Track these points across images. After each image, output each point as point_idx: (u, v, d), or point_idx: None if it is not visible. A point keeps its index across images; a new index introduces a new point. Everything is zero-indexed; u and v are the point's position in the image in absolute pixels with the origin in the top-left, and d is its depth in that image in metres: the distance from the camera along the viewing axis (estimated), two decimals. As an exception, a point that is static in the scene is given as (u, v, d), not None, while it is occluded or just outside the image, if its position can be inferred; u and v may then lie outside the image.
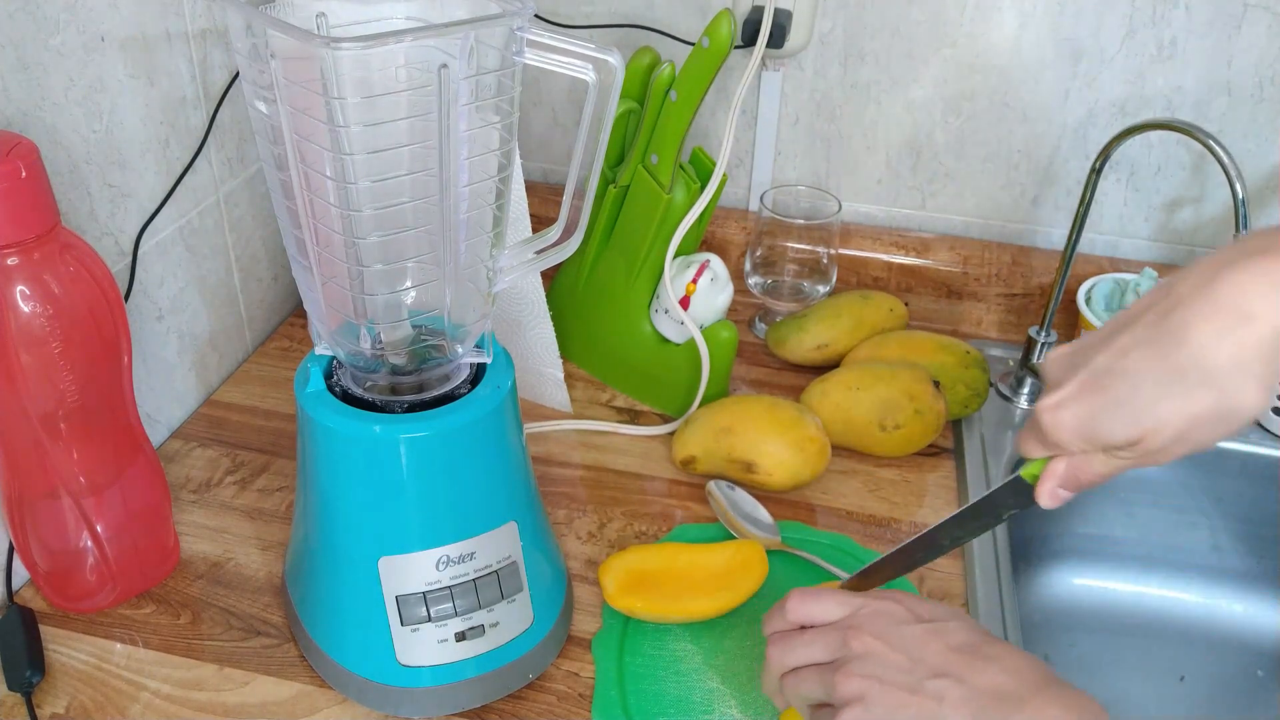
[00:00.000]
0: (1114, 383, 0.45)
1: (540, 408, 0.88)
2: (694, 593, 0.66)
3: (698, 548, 0.69)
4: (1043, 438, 0.49)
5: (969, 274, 1.00)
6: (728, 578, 0.67)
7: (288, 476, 0.80)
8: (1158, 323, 0.44)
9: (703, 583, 0.67)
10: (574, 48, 0.51)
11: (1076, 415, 0.47)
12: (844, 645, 0.50)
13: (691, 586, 0.67)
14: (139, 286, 0.77)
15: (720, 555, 0.68)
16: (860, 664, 0.49)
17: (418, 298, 0.58)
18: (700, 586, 0.67)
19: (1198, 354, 0.43)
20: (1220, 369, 0.43)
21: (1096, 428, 0.46)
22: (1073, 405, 0.47)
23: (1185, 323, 0.43)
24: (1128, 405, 0.45)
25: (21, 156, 0.54)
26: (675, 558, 0.68)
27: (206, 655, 0.65)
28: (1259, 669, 0.91)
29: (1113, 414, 0.46)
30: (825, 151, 1.03)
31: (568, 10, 1.01)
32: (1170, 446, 0.45)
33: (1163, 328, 0.44)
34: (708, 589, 0.67)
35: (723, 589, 0.67)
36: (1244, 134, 0.93)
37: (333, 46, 0.47)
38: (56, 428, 0.60)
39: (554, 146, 1.09)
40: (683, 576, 0.67)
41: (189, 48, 0.78)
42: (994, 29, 0.93)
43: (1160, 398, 0.44)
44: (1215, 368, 0.43)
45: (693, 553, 0.69)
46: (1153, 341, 0.44)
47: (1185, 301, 0.44)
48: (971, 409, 0.87)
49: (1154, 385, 0.44)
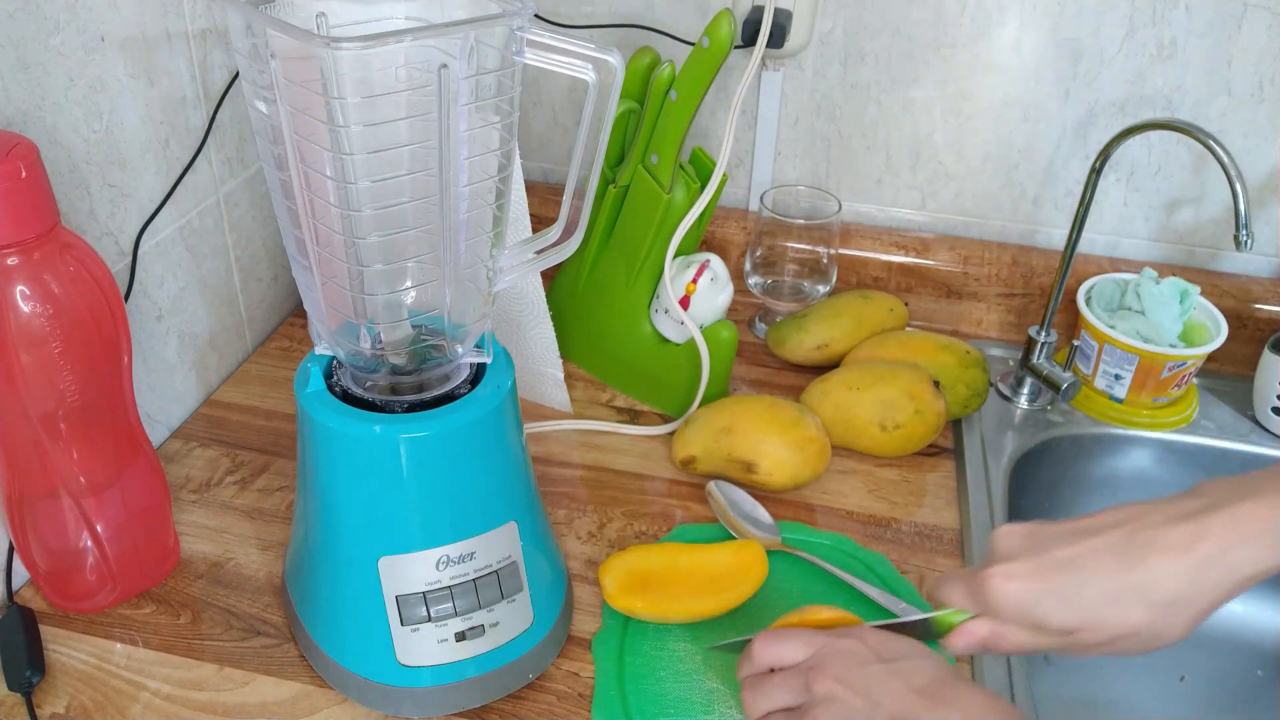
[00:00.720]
0: (1069, 576, 0.50)
1: (540, 408, 0.88)
2: (694, 593, 0.66)
3: (698, 548, 0.69)
4: (981, 599, 0.52)
5: (969, 274, 1.00)
6: (728, 578, 0.67)
7: (288, 476, 0.79)
8: (1127, 538, 0.50)
9: (703, 583, 0.67)
10: (574, 48, 0.51)
11: (1025, 592, 0.51)
12: (807, 689, 0.51)
13: (692, 587, 0.67)
14: (139, 286, 0.77)
15: (720, 555, 0.68)
16: (823, 709, 0.50)
17: (418, 298, 0.58)
18: (700, 587, 0.67)
19: (1152, 579, 0.49)
20: (1167, 599, 0.49)
21: (1039, 609, 0.51)
22: (1023, 581, 0.51)
23: (1151, 547, 0.49)
24: (1075, 599, 0.50)
25: (21, 156, 0.53)
26: (675, 558, 0.68)
27: (206, 655, 0.65)
28: (1259, 669, 0.91)
29: (1059, 602, 0.50)
30: (825, 151, 1.03)
31: (568, 10, 1.01)
32: (1095, 647, 0.51)
33: (1130, 543, 0.50)
34: (708, 589, 0.67)
35: (723, 589, 0.67)
36: (1244, 134, 0.93)
37: (333, 46, 0.47)
38: (56, 428, 0.60)
39: (554, 146, 1.09)
40: (683, 577, 0.67)
41: (189, 48, 0.78)
42: (994, 28, 0.93)
43: (1107, 604, 0.49)
44: (1163, 597, 0.49)
45: (693, 553, 0.69)
46: (1116, 552, 0.50)
47: (1158, 529, 0.50)
48: (971, 409, 0.87)
49: (1104, 590, 0.49)
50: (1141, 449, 0.90)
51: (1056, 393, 0.87)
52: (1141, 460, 0.90)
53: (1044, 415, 0.91)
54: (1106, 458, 0.91)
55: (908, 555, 0.74)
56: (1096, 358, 0.89)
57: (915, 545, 0.75)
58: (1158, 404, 0.89)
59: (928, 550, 0.75)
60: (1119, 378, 0.88)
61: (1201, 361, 0.87)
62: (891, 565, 0.73)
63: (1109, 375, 0.89)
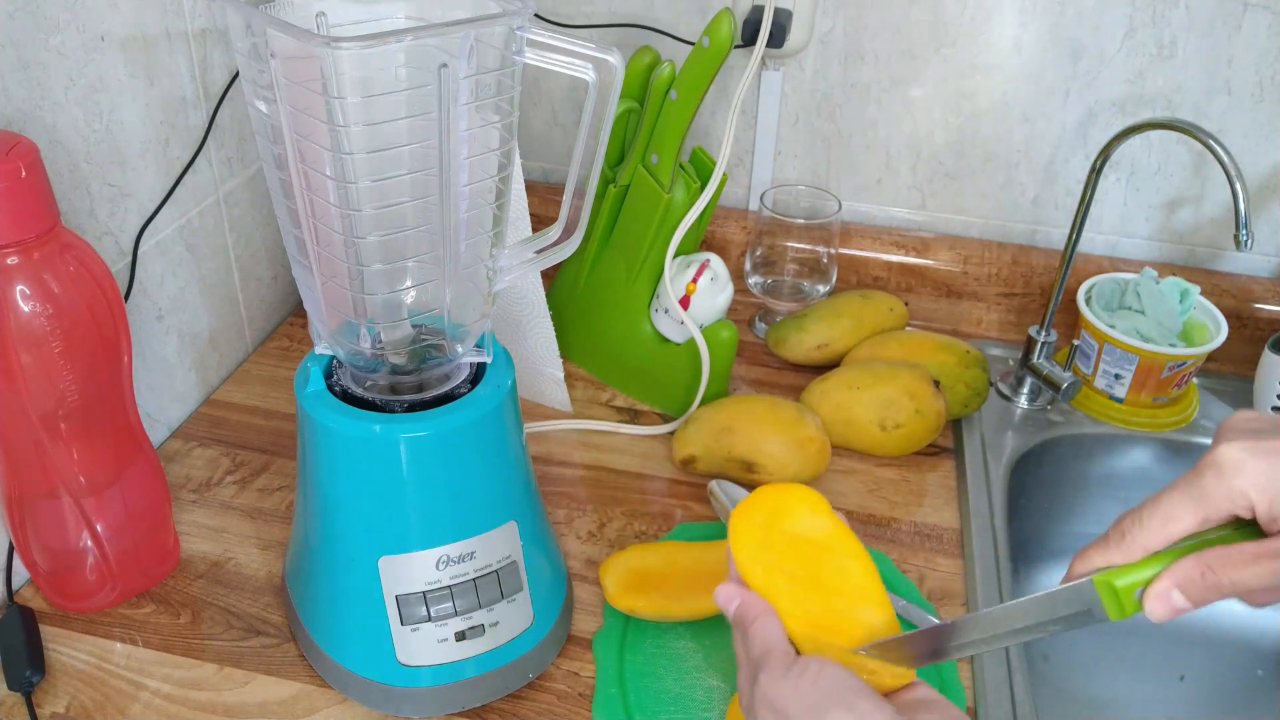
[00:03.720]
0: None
1: (540, 407, 0.88)
2: (695, 591, 0.66)
3: (698, 546, 0.69)
4: (1205, 479, 0.40)
5: (969, 274, 1.00)
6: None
7: (288, 476, 0.79)
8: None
9: (703, 581, 0.67)
10: (574, 47, 0.51)
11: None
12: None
13: (692, 585, 0.67)
14: (139, 286, 0.77)
15: (720, 554, 0.68)
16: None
17: (418, 297, 0.58)
18: (701, 585, 0.67)
19: None
20: None
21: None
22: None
23: None
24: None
25: (21, 156, 0.53)
26: (675, 557, 0.68)
27: (206, 655, 0.65)
28: (1259, 669, 0.90)
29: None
30: (825, 151, 1.03)
31: (568, 10, 1.01)
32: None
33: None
34: (708, 587, 0.66)
35: (723, 588, 0.67)
36: (1244, 134, 0.93)
37: (333, 46, 0.47)
38: (56, 428, 0.60)
39: (554, 146, 1.09)
40: (683, 575, 0.67)
41: (189, 47, 0.78)
42: (994, 28, 0.93)
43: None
44: None
45: (693, 551, 0.69)
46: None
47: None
48: (971, 409, 0.87)
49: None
50: (1141, 449, 0.90)
51: (1056, 392, 0.87)
52: (1141, 460, 0.90)
53: (1044, 415, 0.91)
54: (1106, 457, 0.90)
55: (908, 555, 0.74)
56: (1096, 357, 0.89)
57: (915, 545, 0.75)
58: (1158, 403, 0.89)
59: (928, 550, 0.75)
60: (1119, 377, 0.88)
61: (1201, 361, 0.87)
62: (892, 563, 0.73)
63: (1109, 375, 0.89)
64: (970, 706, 0.63)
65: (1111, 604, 0.41)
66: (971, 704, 0.63)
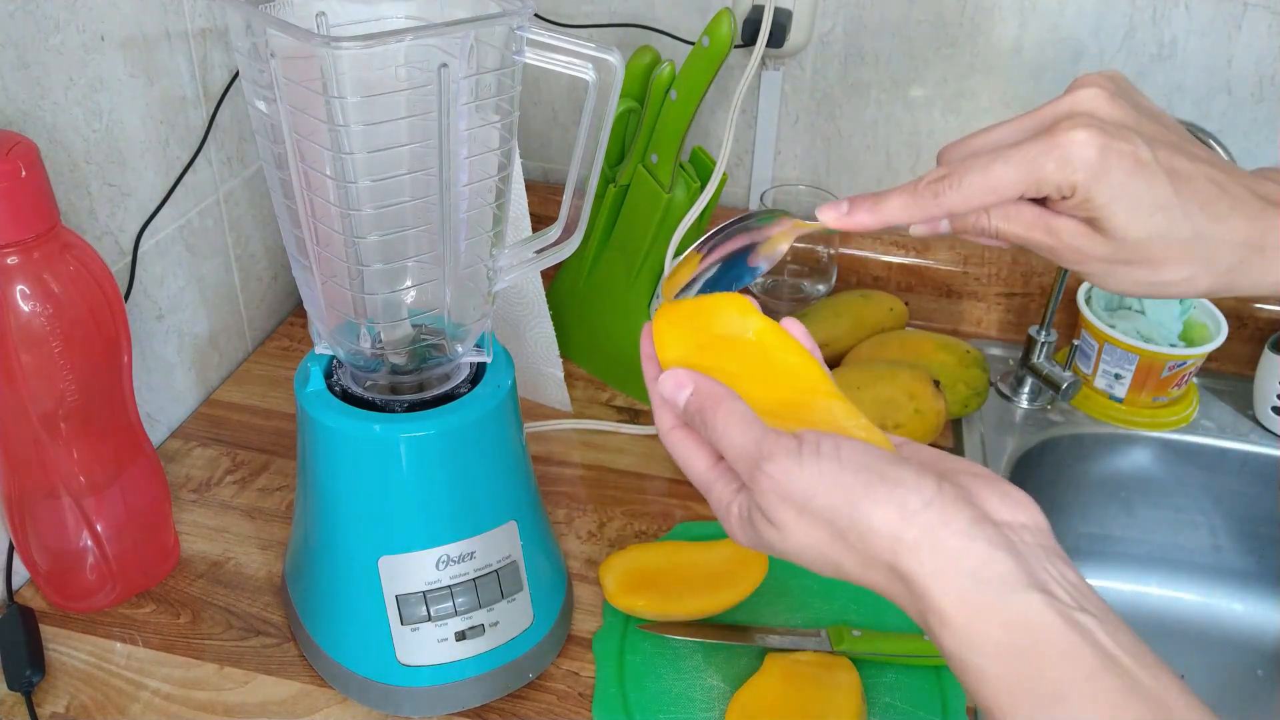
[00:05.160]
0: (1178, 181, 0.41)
1: (540, 407, 0.88)
2: (695, 591, 0.66)
3: (698, 546, 0.69)
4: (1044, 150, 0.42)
5: (969, 274, 1.00)
6: (728, 576, 0.67)
7: (288, 476, 0.79)
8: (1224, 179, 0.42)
9: (703, 581, 0.67)
10: (574, 47, 0.51)
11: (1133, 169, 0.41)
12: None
13: (692, 585, 0.67)
14: (139, 286, 0.77)
15: (720, 553, 0.68)
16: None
17: (418, 297, 0.58)
18: (701, 584, 0.67)
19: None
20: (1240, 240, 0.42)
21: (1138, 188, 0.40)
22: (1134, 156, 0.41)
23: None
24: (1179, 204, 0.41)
25: (21, 156, 0.53)
26: (676, 556, 0.68)
27: (206, 655, 0.65)
28: (1259, 669, 0.91)
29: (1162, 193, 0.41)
30: (825, 151, 1.03)
31: (568, 10, 1.01)
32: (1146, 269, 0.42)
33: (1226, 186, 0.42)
34: (708, 587, 0.67)
35: (723, 587, 0.67)
36: (1244, 134, 0.93)
37: (333, 46, 0.47)
38: (56, 427, 0.60)
39: (554, 146, 1.09)
40: (683, 575, 0.67)
41: (189, 47, 0.78)
42: (994, 29, 0.93)
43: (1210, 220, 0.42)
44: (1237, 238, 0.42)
45: (693, 551, 0.69)
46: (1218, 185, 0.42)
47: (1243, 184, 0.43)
48: (971, 409, 0.87)
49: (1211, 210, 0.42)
50: (1141, 448, 0.90)
51: (1056, 392, 0.87)
52: (1141, 460, 0.90)
53: (1044, 415, 0.91)
54: (1106, 457, 0.91)
55: (908, 555, 0.74)
56: (1096, 357, 0.89)
57: (915, 545, 0.75)
58: (1158, 403, 0.89)
59: (928, 550, 0.75)
60: (1119, 377, 0.88)
61: (1201, 361, 0.87)
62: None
63: (1109, 375, 0.89)
64: (971, 707, 0.63)
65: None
66: (972, 704, 0.63)
